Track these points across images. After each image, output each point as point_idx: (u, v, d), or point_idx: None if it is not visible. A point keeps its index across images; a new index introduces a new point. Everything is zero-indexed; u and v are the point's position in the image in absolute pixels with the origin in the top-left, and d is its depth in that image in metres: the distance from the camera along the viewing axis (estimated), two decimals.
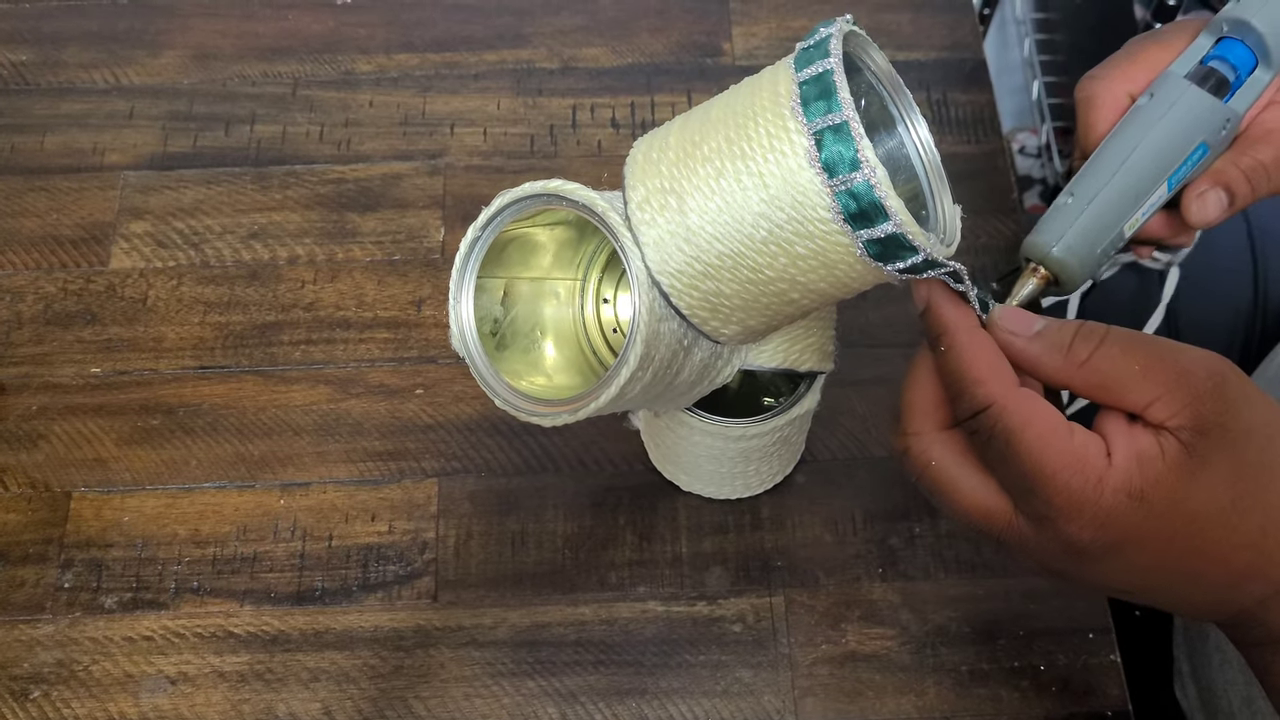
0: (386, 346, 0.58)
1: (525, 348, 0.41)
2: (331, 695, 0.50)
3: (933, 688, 0.50)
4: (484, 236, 0.37)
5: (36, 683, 0.50)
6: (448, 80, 0.67)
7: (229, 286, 0.60)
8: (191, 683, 0.50)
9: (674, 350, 0.36)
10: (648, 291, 0.34)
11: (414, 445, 0.56)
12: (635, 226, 0.34)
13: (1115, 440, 0.33)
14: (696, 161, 0.33)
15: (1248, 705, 0.52)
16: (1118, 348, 0.33)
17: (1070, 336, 0.34)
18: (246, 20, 0.69)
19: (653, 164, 0.34)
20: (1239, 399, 0.33)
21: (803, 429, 0.51)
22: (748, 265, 0.33)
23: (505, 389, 0.36)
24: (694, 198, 0.33)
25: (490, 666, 0.50)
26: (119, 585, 0.52)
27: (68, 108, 0.66)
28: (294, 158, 0.64)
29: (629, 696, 0.50)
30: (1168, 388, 0.32)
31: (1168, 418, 0.32)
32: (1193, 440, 0.32)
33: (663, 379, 0.36)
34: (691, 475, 0.52)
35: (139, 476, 0.55)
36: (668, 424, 0.48)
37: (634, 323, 0.34)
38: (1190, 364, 0.33)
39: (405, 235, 0.61)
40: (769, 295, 0.34)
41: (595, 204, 0.34)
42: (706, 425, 0.46)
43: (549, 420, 0.36)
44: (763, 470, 0.52)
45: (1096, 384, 0.33)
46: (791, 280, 0.33)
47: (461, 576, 0.52)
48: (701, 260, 0.33)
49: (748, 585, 0.52)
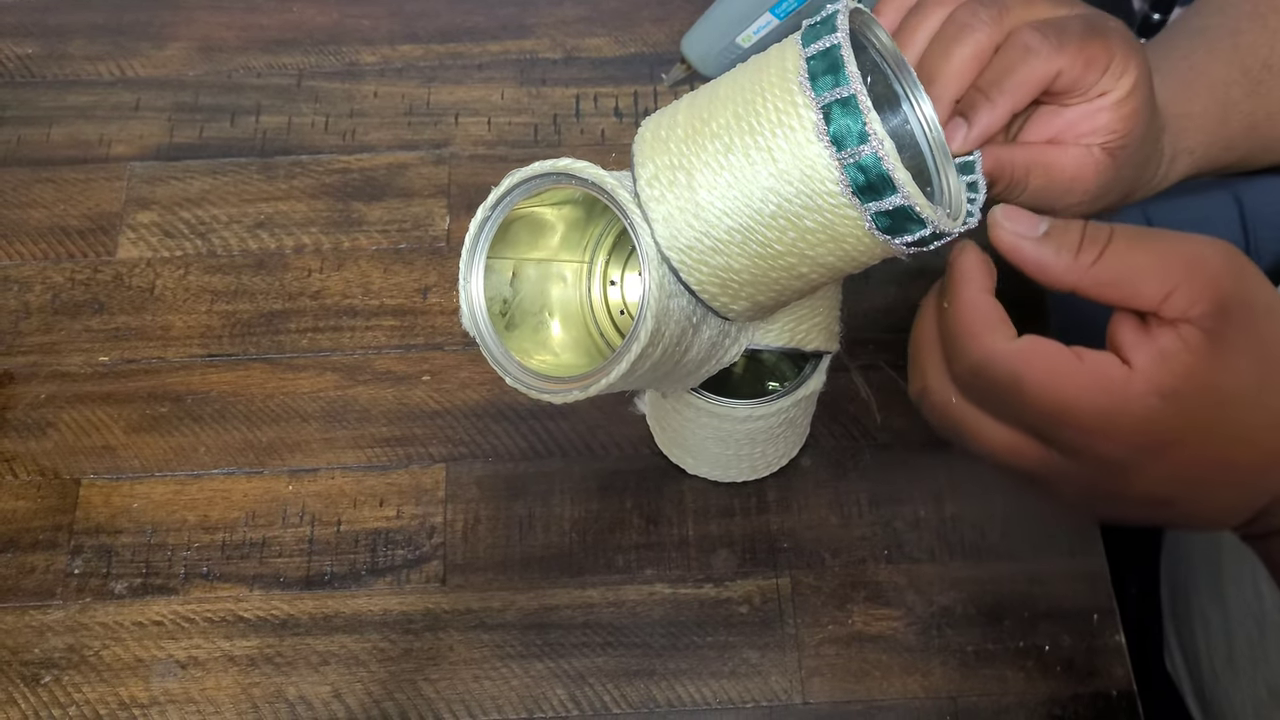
0: (393, 334, 0.59)
1: (534, 327, 0.41)
2: (341, 678, 0.50)
3: (938, 668, 0.50)
4: (494, 216, 0.37)
5: (48, 668, 0.50)
6: (452, 70, 0.67)
7: (236, 275, 0.60)
8: (202, 667, 0.50)
9: (683, 327, 0.36)
10: (657, 267, 0.34)
11: (421, 431, 0.56)
12: (644, 203, 0.34)
13: (1131, 347, 0.32)
14: (705, 138, 0.34)
15: (1230, 665, 0.52)
16: (1126, 243, 0.32)
17: (1079, 236, 0.32)
18: (251, 12, 0.69)
19: (661, 141, 0.35)
20: (1254, 279, 0.32)
21: (808, 411, 0.51)
22: (757, 240, 0.34)
23: (516, 367, 0.37)
24: (703, 173, 0.33)
25: (499, 649, 0.51)
26: (129, 571, 0.53)
27: (74, 100, 0.66)
28: (299, 148, 0.64)
29: (637, 678, 0.50)
30: (1185, 275, 0.31)
31: (1189, 305, 0.31)
32: (1215, 325, 0.31)
33: (671, 356, 0.37)
34: (698, 458, 0.53)
35: (148, 463, 0.55)
36: (674, 406, 0.48)
37: (644, 299, 0.34)
38: (1202, 249, 0.32)
39: (411, 224, 0.62)
40: (778, 270, 0.34)
41: (604, 181, 0.35)
42: (713, 407, 0.47)
43: (560, 397, 0.36)
44: (769, 453, 0.52)
45: (1110, 281, 0.32)
46: (800, 254, 0.34)
47: (469, 560, 0.53)
48: (711, 235, 0.34)
49: (754, 567, 0.52)
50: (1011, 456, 0.34)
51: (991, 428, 0.34)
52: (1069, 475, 0.33)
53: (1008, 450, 0.34)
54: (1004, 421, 0.34)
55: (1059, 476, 0.33)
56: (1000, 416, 0.34)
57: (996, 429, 0.34)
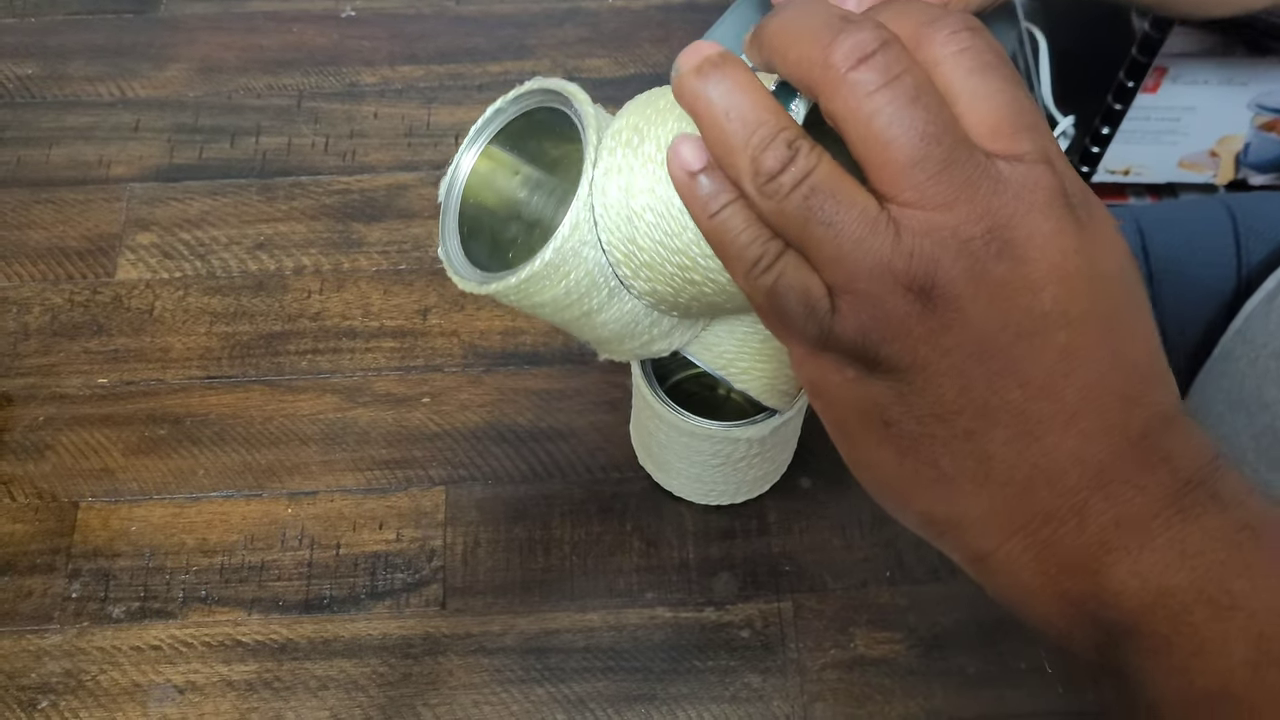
0: (393, 355, 0.58)
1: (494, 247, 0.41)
2: (340, 703, 0.50)
3: (940, 691, 0.50)
4: (491, 126, 0.38)
5: (44, 693, 0.50)
6: (452, 91, 0.67)
7: (235, 297, 0.60)
8: (200, 692, 0.50)
9: (594, 283, 0.35)
10: (583, 207, 0.34)
11: (421, 453, 0.56)
12: (599, 150, 0.34)
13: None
14: (667, 113, 0.33)
15: None
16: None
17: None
18: (251, 33, 0.69)
19: (640, 104, 0.34)
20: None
21: (781, 444, 0.51)
22: (662, 229, 0.33)
23: (455, 244, 0.37)
24: (650, 144, 0.33)
25: (499, 674, 0.50)
26: (126, 595, 0.52)
27: (74, 120, 0.66)
28: (299, 169, 0.64)
29: (638, 703, 0.50)
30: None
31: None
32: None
33: (578, 305, 0.36)
34: (666, 472, 0.52)
35: (146, 486, 0.55)
36: (647, 416, 0.48)
37: (557, 233, 0.34)
38: None
39: (411, 245, 0.62)
40: (673, 266, 0.34)
41: (589, 119, 0.34)
42: (679, 421, 0.47)
43: (460, 283, 0.36)
44: (741, 476, 0.51)
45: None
46: (693, 259, 0.33)
47: (469, 584, 0.52)
48: (631, 204, 0.33)
49: (755, 590, 0.52)
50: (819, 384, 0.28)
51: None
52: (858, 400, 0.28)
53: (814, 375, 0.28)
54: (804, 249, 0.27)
55: (876, 316, 0.26)
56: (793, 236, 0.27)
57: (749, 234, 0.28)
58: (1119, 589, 0.26)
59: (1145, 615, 0.25)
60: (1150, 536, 0.25)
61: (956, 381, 0.26)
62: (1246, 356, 0.50)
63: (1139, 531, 0.25)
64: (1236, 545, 0.25)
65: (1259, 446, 0.46)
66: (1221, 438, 0.48)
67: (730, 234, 0.28)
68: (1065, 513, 0.26)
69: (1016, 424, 0.26)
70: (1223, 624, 0.25)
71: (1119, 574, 0.26)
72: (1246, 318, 0.55)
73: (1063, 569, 0.26)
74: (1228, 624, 0.25)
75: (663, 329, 0.39)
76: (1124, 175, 1.18)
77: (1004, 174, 0.25)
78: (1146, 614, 0.25)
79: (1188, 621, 0.25)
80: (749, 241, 0.27)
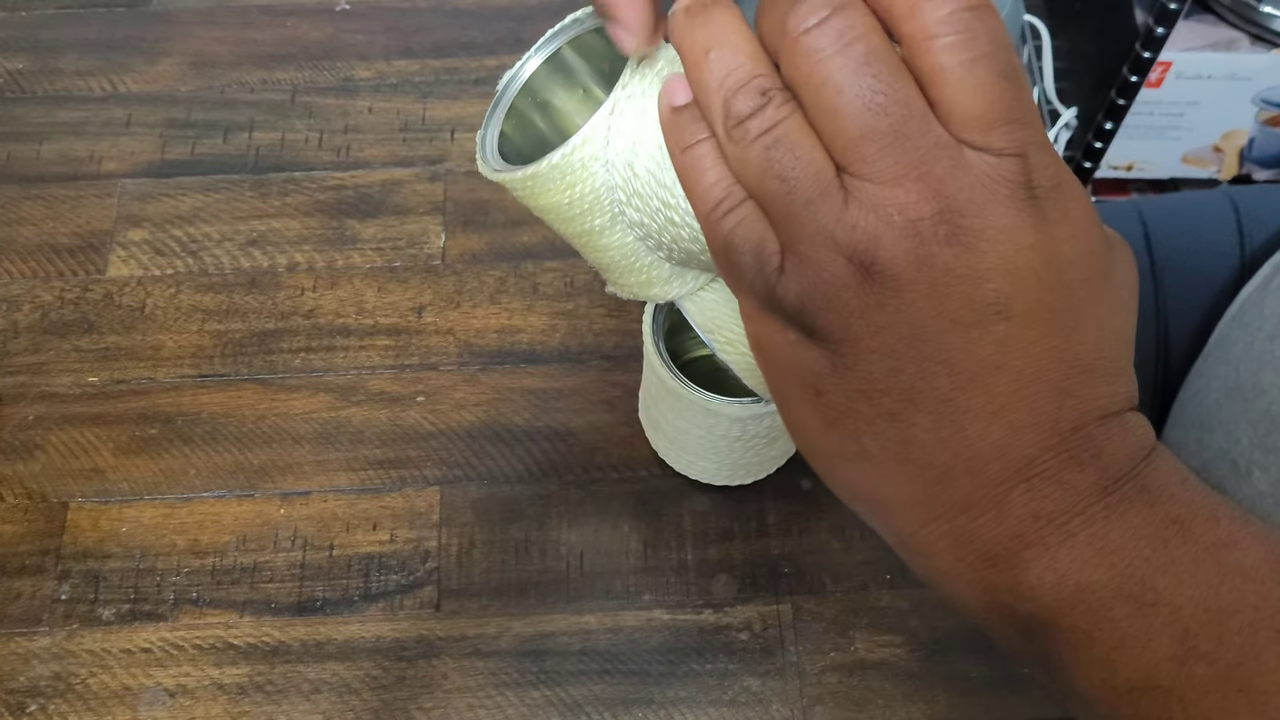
0: (387, 353, 0.58)
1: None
2: (333, 707, 0.49)
3: (942, 695, 0.49)
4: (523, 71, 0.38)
5: (33, 696, 0.49)
6: (447, 86, 0.66)
7: (228, 294, 0.59)
8: (191, 695, 0.49)
9: (598, 201, 0.36)
10: (601, 126, 0.34)
11: (415, 453, 0.55)
12: (631, 75, 0.34)
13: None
14: None
15: None
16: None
17: None
18: (245, 27, 0.68)
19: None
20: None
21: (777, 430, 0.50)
22: (655, 161, 0.34)
23: (494, 134, 0.37)
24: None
25: (494, 677, 0.50)
26: (117, 597, 0.52)
27: (65, 116, 0.65)
28: (293, 164, 0.63)
29: (635, 706, 0.49)
30: None
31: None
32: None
33: (581, 221, 0.37)
34: (679, 448, 0.52)
35: (137, 486, 0.54)
36: (660, 391, 0.48)
37: (569, 141, 0.34)
38: None
39: (405, 241, 0.61)
40: (658, 200, 0.34)
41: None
42: (694, 396, 0.46)
43: (481, 168, 0.37)
44: (751, 458, 0.51)
45: None
46: (676, 199, 0.33)
47: (464, 585, 0.52)
48: (640, 132, 0.34)
49: (754, 592, 0.51)
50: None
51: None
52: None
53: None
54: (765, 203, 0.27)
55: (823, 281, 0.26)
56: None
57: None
58: (1035, 583, 0.25)
59: (1063, 610, 0.25)
60: (1070, 533, 0.25)
61: (886, 362, 0.25)
62: (1243, 341, 0.49)
63: (1058, 527, 0.25)
64: (1162, 541, 0.25)
65: (1255, 432, 0.45)
66: (1219, 425, 0.47)
67: (698, 171, 0.28)
68: (985, 503, 0.26)
69: (941, 411, 0.25)
70: (1145, 620, 0.25)
71: (1036, 569, 0.25)
72: (1243, 303, 0.54)
73: (981, 558, 0.26)
74: (1151, 619, 0.25)
75: (661, 274, 0.39)
76: (1127, 170, 1.17)
77: (969, 161, 0.24)
78: (1064, 609, 0.25)
79: (1107, 617, 0.25)
80: (714, 181, 0.27)
